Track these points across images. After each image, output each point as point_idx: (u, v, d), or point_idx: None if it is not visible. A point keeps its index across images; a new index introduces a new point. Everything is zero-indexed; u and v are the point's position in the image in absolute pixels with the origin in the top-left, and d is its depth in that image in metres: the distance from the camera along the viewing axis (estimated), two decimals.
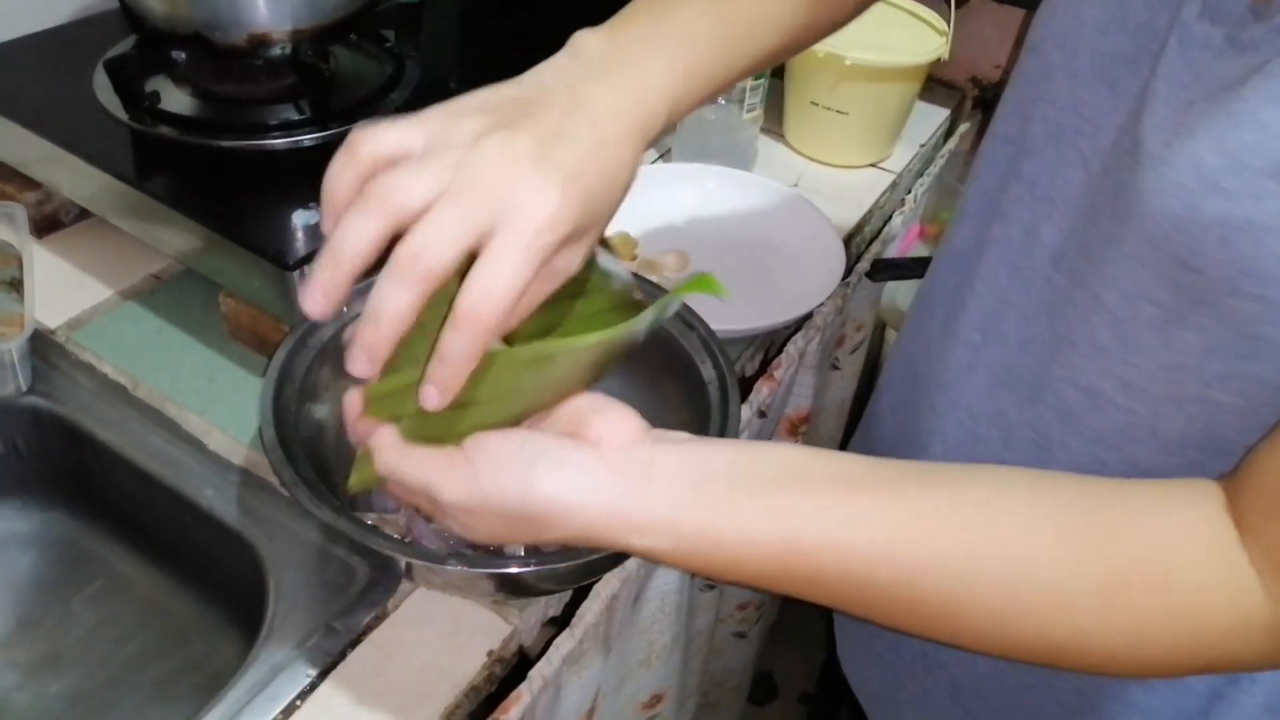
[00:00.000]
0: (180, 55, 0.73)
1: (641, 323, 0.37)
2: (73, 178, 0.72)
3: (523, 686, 0.54)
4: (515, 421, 0.39)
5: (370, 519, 0.59)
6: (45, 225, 0.78)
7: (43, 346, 0.69)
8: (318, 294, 0.37)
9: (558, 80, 0.42)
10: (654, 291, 0.64)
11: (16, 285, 0.68)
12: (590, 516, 0.36)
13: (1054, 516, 0.36)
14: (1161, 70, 0.41)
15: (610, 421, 0.38)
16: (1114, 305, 0.43)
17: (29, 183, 0.77)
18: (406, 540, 0.58)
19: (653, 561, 0.39)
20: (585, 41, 0.44)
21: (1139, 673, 0.38)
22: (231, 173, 0.69)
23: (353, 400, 0.39)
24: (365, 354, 0.36)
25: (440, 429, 0.38)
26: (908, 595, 0.37)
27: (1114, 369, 0.43)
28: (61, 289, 0.74)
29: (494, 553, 0.56)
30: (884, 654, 0.63)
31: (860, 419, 0.71)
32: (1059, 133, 0.47)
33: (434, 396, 0.36)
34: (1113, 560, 0.35)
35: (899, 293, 1.07)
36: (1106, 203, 0.43)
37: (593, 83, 0.41)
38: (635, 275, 0.40)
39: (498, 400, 0.37)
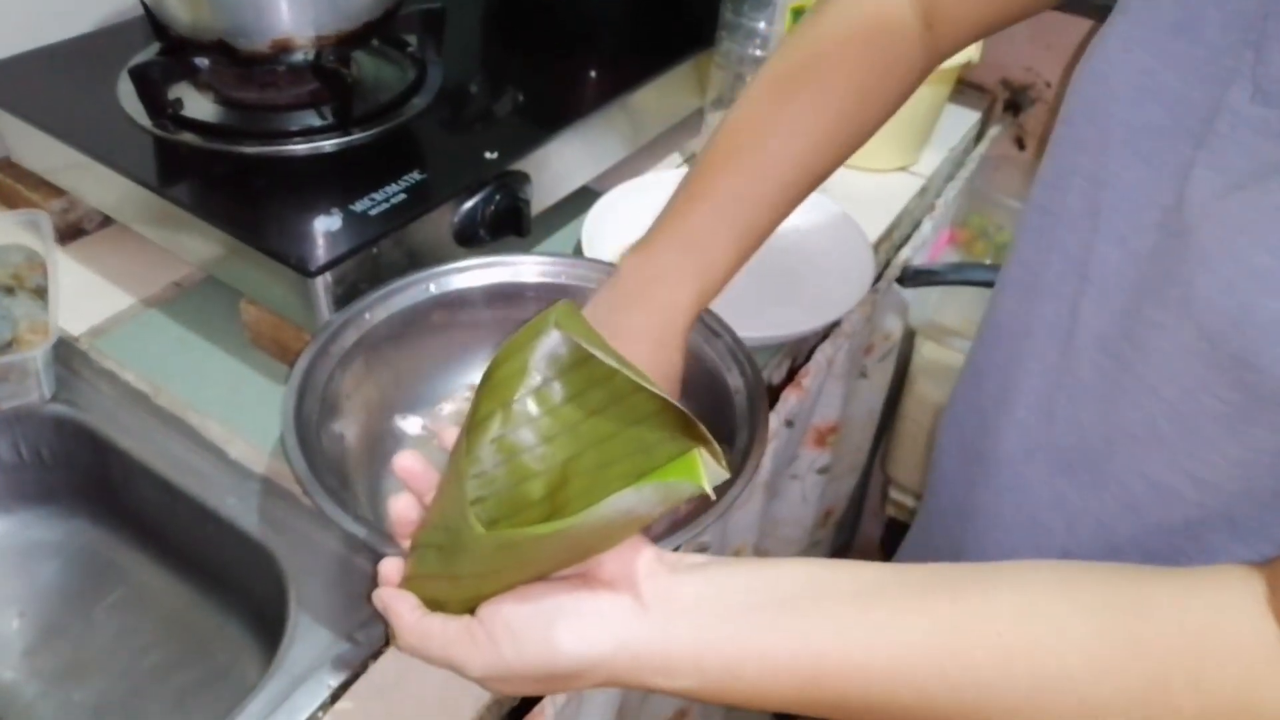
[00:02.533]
0: (203, 62, 0.73)
1: (611, 506, 0.34)
2: (96, 185, 0.72)
3: (546, 701, 0.53)
4: (529, 580, 0.38)
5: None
6: (69, 233, 0.79)
7: (66, 354, 0.69)
8: None
9: (599, 310, 0.54)
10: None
11: (41, 293, 0.68)
12: (616, 665, 0.36)
13: (1085, 620, 0.35)
14: (1207, 154, 0.40)
15: (622, 559, 0.37)
16: (1174, 399, 0.41)
17: (53, 190, 0.77)
18: None
19: (686, 699, 0.38)
20: (624, 268, 0.55)
21: None
22: (254, 179, 0.69)
23: (385, 570, 0.41)
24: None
25: (450, 595, 0.39)
26: (934, 711, 0.36)
27: (1181, 463, 0.42)
28: (85, 296, 0.74)
29: None
30: None
31: (887, 428, 0.70)
32: (1094, 205, 0.46)
33: None
34: (1148, 663, 0.34)
35: (929, 300, 1.05)
36: (1153, 289, 0.42)
37: (624, 313, 0.53)
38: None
39: (492, 575, 0.38)
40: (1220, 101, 0.39)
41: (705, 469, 0.35)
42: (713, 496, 0.35)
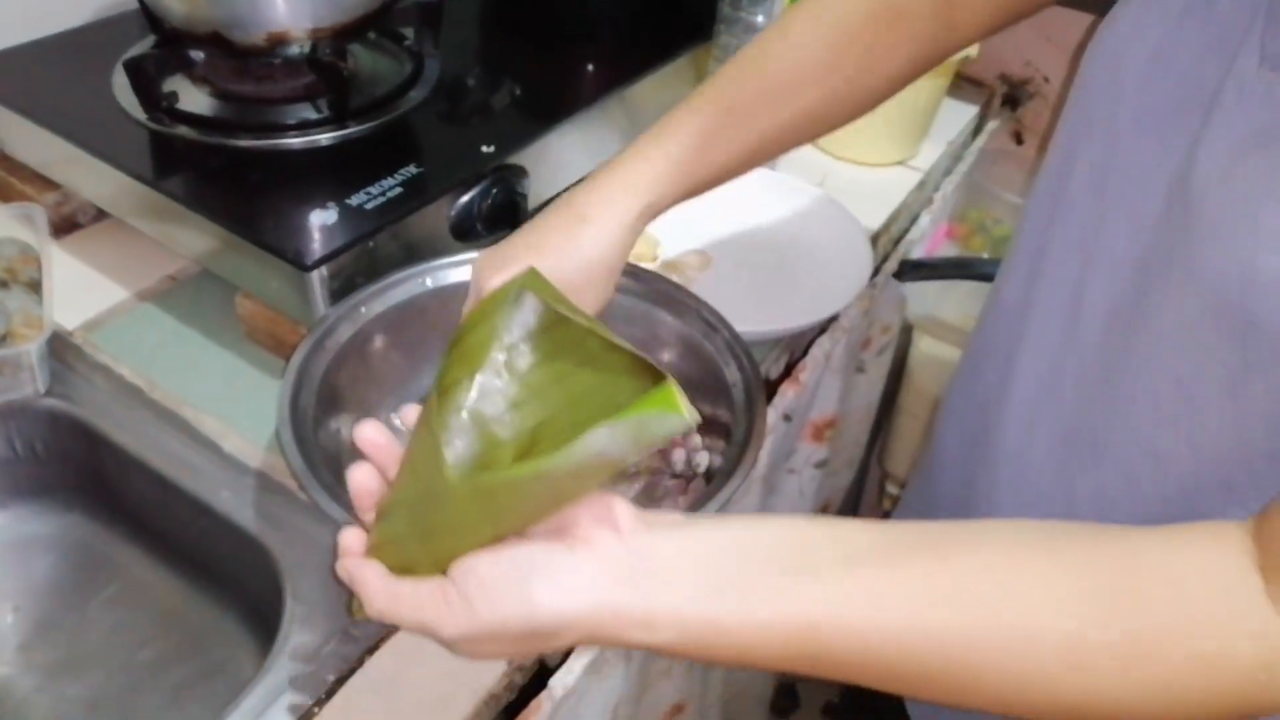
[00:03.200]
0: (199, 55, 0.72)
1: (584, 446, 0.34)
2: (91, 178, 0.72)
3: (543, 695, 0.53)
4: (504, 537, 0.37)
5: None
6: (63, 226, 0.78)
7: (60, 348, 0.69)
8: None
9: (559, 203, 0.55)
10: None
11: (35, 286, 0.68)
12: (596, 620, 0.35)
13: (1068, 577, 0.35)
14: (1215, 122, 0.40)
15: (597, 516, 0.36)
16: (1174, 365, 0.42)
17: (48, 184, 0.77)
18: None
19: (663, 654, 0.37)
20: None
21: None
22: (249, 172, 0.69)
23: (346, 539, 0.40)
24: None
25: (420, 557, 0.38)
26: (915, 669, 0.36)
27: (1180, 430, 0.42)
28: (79, 290, 0.74)
29: None
30: None
31: (885, 422, 0.71)
32: (1101, 187, 0.46)
33: None
34: (1130, 619, 0.34)
35: (927, 294, 1.05)
36: (1159, 260, 0.42)
37: (581, 188, 0.54)
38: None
39: (464, 528, 0.37)
40: (1229, 71, 0.39)
41: (681, 405, 0.34)
42: (688, 418, 0.34)
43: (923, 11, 0.56)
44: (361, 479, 0.41)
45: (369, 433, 0.42)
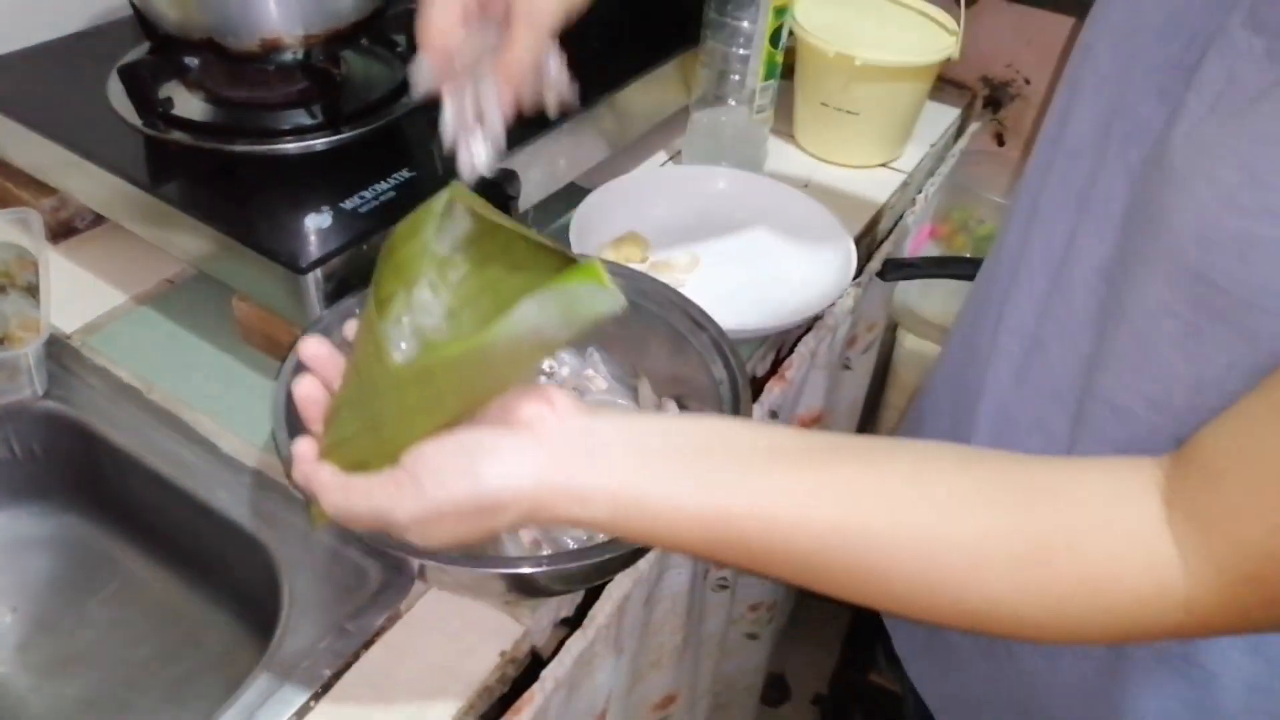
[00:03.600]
0: (193, 61, 0.73)
1: (516, 321, 0.36)
2: (87, 183, 0.72)
3: (535, 687, 0.54)
4: (447, 427, 0.39)
5: None
6: (60, 231, 0.79)
7: (58, 351, 0.70)
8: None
9: None
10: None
11: (32, 290, 0.68)
12: (537, 496, 0.38)
13: (977, 488, 0.37)
14: (1196, 80, 0.40)
15: (539, 399, 0.39)
16: (1139, 320, 0.42)
17: (44, 189, 0.77)
18: None
19: (596, 530, 0.41)
20: None
21: (1055, 639, 0.38)
22: (244, 177, 0.70)
23: (299, 448, 0.42)
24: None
25: (371, 453, 0.39)
26: (828, 562, 0.37)
27: (1138, 384, 0.43)
28: (76, 294, 0.75)
29: (504, 553, 0.56)
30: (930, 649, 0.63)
31: (871, 419, 0.71)
32: (1104, 139, 0.46)
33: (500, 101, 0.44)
34: (1031, 529, 0.36)
35: (911, 293, 1.07)
36: (1140, 216, 0.43)
37: None
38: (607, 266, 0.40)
39: (409, 415, 0.38)
40: (1220, 29, 0.40)
41: (607, 279, 0.36)
42: (612, 290, 0.36)
43: None
44: (306, 389, 0.43)
45: (312, 347, 0.44)
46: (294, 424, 0.54)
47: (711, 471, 0.38)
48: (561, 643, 0.57)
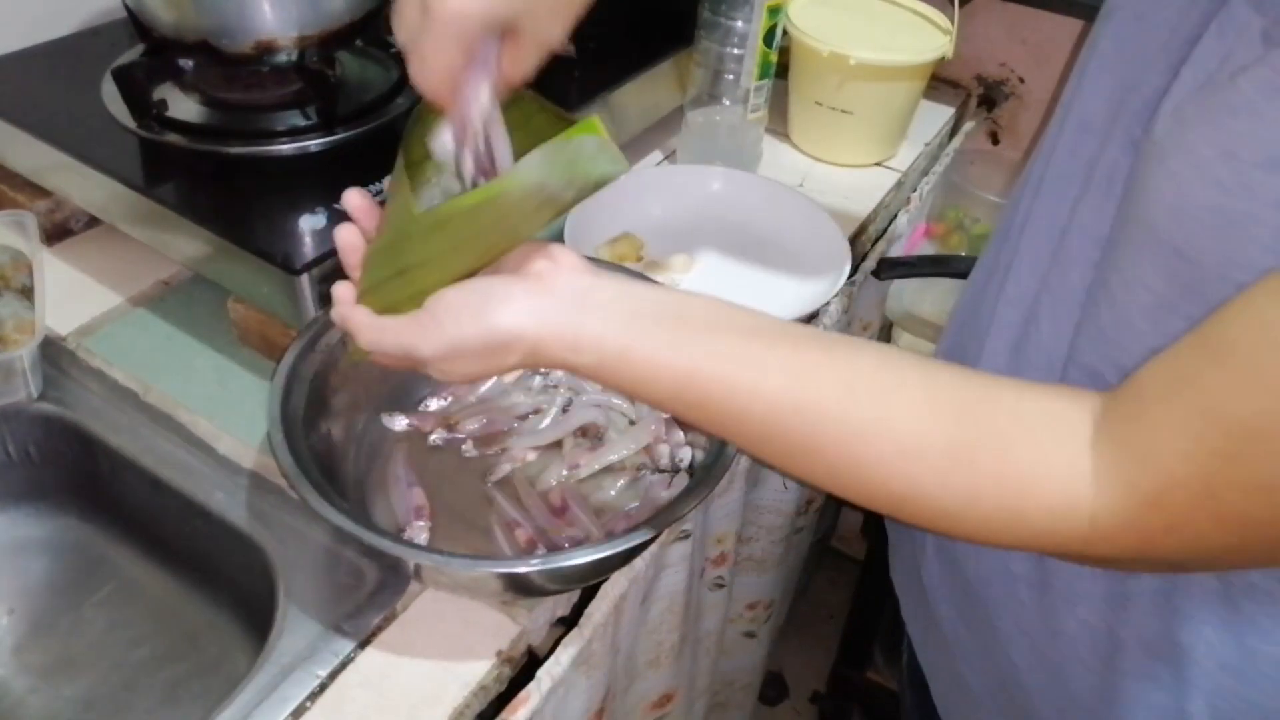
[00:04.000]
0: (187, 63, 0.73)
1: (523, 173, 0.41)
2: (82, 186, 0.72)
3: (531, 687, 0.54)
4: (466, 275, 0.44)
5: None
6: (55, 233, 0.79)
7: (54, 353, 0.70)
8: None
9: None
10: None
11: (27, 293, 0.69)
12: (538, 336, 0.42)
13: (925, 389, 0.40)
14: (1193, 55, 0.40)
15: (550, 256, 0.44)
16: (1116, 289, 0.43)
17: (39, 191, 0.77)
18: (406, 535, 0.59)
19: (583, 376, 0.46)
20: None
21: (967, 535, 0.41)
22: (239, 179, 0.70)
23: (338, 291, 0.48)
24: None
25: (400, 296, 0.44)
26: (776, 431, 0.41)
27: (1112, 354, 0.44)
28: (72, 296, 0.75)
29: (501, 554, 0.56)
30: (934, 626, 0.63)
31: None
32: (1116, 110, 0.46)
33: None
34: (964, 428, 0.39)
35: (906, 292, 1.07)
36: (1129, 187, 0.43)
37: None
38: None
39: (432, 262, 0.43)
40: (1224, 4, 0.40)
41: (607, 136, 0.41)
42: (611, 146, 0.41)
43: None
44: (347, 236, 0.48)
45: (354, 198, 0.49)
46: (291, 426, 0.55)
47: (690, 337, 0.42)
48: (558, 642, 0.57)
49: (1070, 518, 0.37)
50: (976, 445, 0.39)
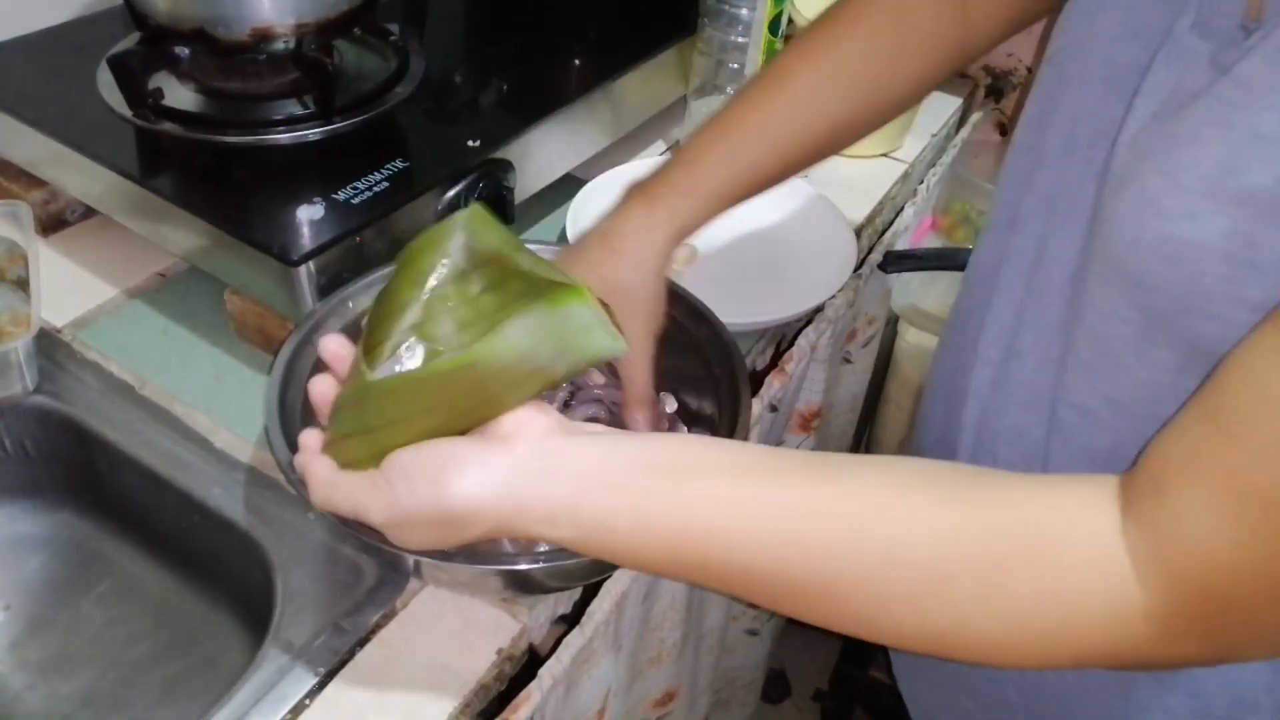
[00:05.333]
0: (183, 51, 0.72)
1: (503, 341, 0.37)
2: (77, 176, 0.72)
3: (533, 685, 0.54)
4: (436, 436, 0.40)
5: None
6: (51, 224, 0.78)
7: (49, 346, 0.69)
8: None
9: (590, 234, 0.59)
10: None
11: (22, 284, 0.68)
12: (501, 511, 0.38)
13: (938, 505, 0.36)
14: (1144, 84, 0.41)
15: (519, 418, 0.39)
16: (1093, 322, 0.43)
17: (34, 181, 0.76)
18: None
19: (564, 548, 0.40)
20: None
21: (1018, 662, 0.37)
22: (236, 169, 0.69)
23: (304, 438, 0.44)
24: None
25: (364, 453, 0.41)
26: (789, 582, 0.37)
27: (1101, 387, 0.43)
28: (67, 288, 0.74)
29: (501, 550, 0.55)
30: (930, 669, 0.63)
31: (872, 413, 0.71)
32: (1073, 145, 0.46)
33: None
34: (991, 545, 0.35)
35: (912, 285, 1.06)
36: (1095, 219, 0.43)
37: (613, 219, 0.58)
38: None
39: (401, 423, 0.40)
40: (1169, 33, 0.40)
41: (594, 305, 0.37)
42: (598, 314, 0.37)
43: (939, 13, 0.58)
44: (321, 388, 0.45)
45: (333, 345, 0.45)
46: (288, 420, 0.54)
47: (675, 489, 0.38)
48: (559, 640, 0.57)
49: (1122, 620, 0.35)
50: (1007, 560, 0.35)
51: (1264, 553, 0.33)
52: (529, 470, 0.38)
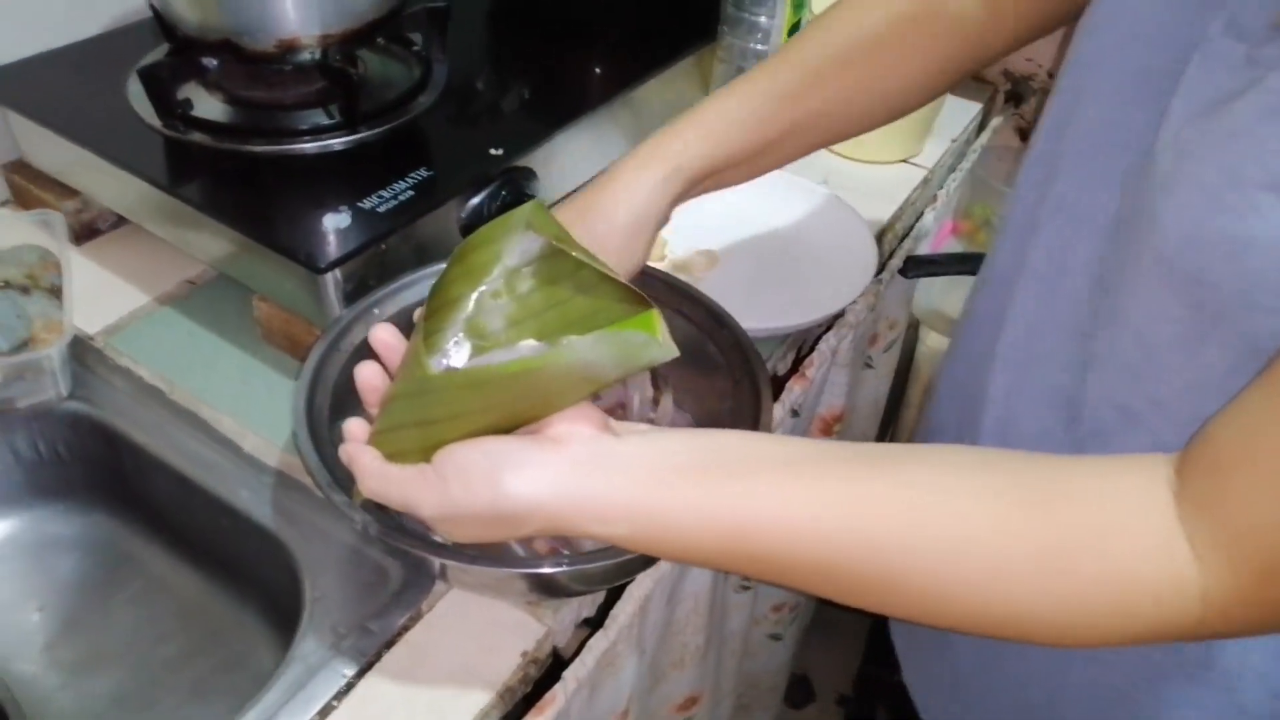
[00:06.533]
0: (211, 62, 0.73)
1: (571, 352, 0.39)
2: (109, 185, 0.73)
3: (557, 688, 0.54)
4: (487, 434, 0.41)
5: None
6: (83, 233, 0.80)
7: (81, 352, 0.70)
8: None
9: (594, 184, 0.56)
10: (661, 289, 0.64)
11: (56, 292, 0.69)
12: (556, 509, 0.39)
13: (996, 491, 0.37)
14: (1182, 87, 0.40)
15: (570, 420, 0.40)
16: (1139, 323, 0.42)
17: (67, 191, 0.78)
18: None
19: (618, 545, 0.41)
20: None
21: (1080, 642, 0.38)
22: (263, 178, 0.70)
23: (350, 427, 0.45)
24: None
25: (414, 446, 0.42)
26: (850, 572, 0.38)
27: (1144, 387, 0.43)
28: (99, 295, 0.75)
29: (525, 554, 0.56)
30: (946, 676, 0.62)
31: (893, 417, 0.71)
32: (1092, 152, 0.46)
33: None
34: (1049, 529, 0.36)
35: (933, 290, 1.06)
36: (1129, 221, 0.43)
37: (617, 160, 0.55)
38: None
39: (457, 419, 0.41)
40: (1202, 36, 0.40)
41: (661, 332, 0.39)
42: (664, 343, 0.39)
43: (966, 41, 0.58)
44: (368, 375, 0.46)
45: (382, 334, 0.47)
46: (315, 424, 0.55)
47: (732, 485, 0.38)
48: (583, 643, 0.57)
49: (1181, 602, 0.35)
50: (1068, 547, 0.36)
51: None
52: (583, 470, 0.39)
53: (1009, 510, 0.36)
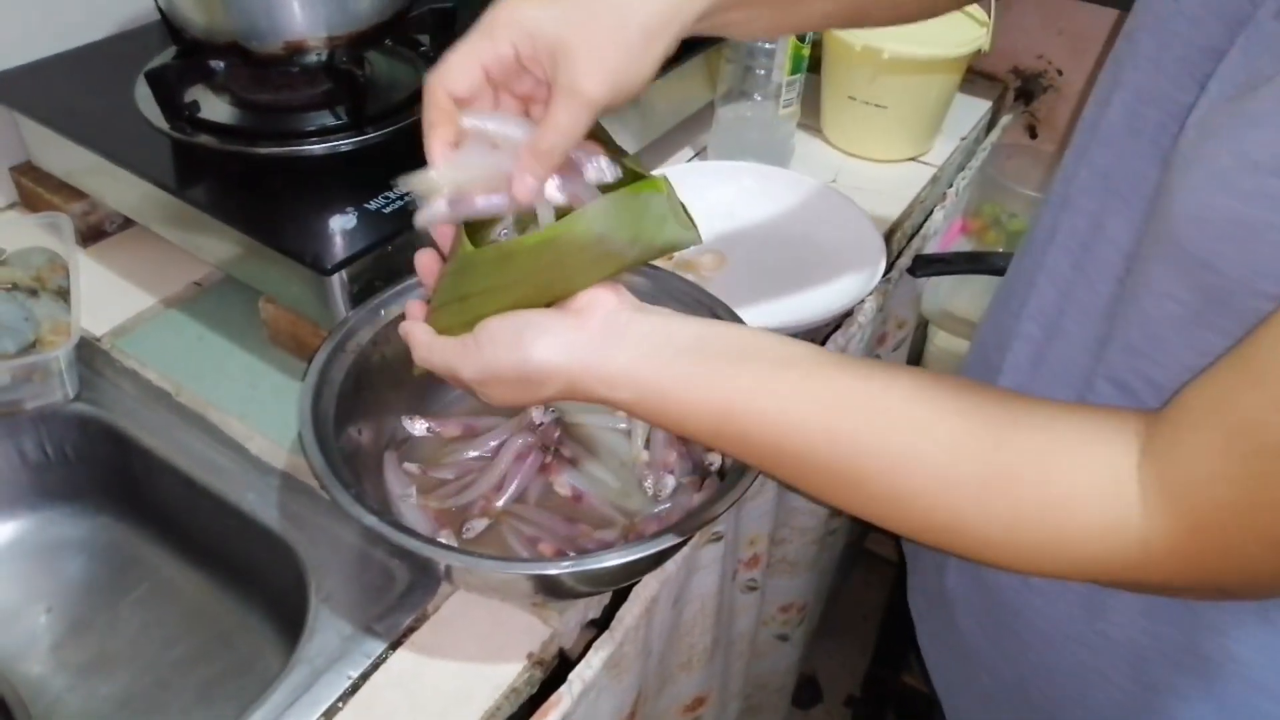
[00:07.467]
0: (219, 65, 0.74)
1: (585, 220, 0.43)
2: (116, 187, 0.73)
3: (563, 689, 0.54)
4: (518, 308, 0.45)
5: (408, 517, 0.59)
6: (90, 235, 0.80)
7: (89, 354, 0.70)
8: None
9: None
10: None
11: (63, 294, 0.69)
12: (572, 372, 0.43)
13: (962, 411, 0.39)
14: (1222, 67, 0.40)
15: (593, 295, 0.45)
16: (1146, 302, 0.43)
17: (74, 193, 0.78)
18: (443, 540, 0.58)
19: (622, 411, 0.46)
20: None
21: (1012, 564, 0.40)
22: (270, 180, 0.70)
23: (410, 307, 0.51)
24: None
25: (458, 320, 0.47)
26: (814, 464, 0.41)
27: (1143, 367, 0.43)
28: (106, 297, 0.75)
29: (531, 555, 0.56)
30: (953, 646, 0.62)
31: None
32: (1139, 125, 0.46)
33: (524, 186, 0.45)
34: (1002, 455, 0.38)
35: (941, 289, 1.05)
36: (1158, 199, 0.43)
37: None
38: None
39: (491, 292, 0.45)
40: (1251, 18, 0.40)
41: (670, 197, 0.43)
42: (683, 222, 0.43)
43: None
44: (425, 259, 0.51)
45: (442, 226, 0.49)
46: (322, 426, 0.55)
47: (726, 370, 0.42)
48: (589, 645, 0.57)
49: (1119, 542, 0.36)
50: (1016, 471, 0.38)
51: (1263, 497, 0.34)
52: (598, 339, 0.43)
53: (968, 428, 0.39)
